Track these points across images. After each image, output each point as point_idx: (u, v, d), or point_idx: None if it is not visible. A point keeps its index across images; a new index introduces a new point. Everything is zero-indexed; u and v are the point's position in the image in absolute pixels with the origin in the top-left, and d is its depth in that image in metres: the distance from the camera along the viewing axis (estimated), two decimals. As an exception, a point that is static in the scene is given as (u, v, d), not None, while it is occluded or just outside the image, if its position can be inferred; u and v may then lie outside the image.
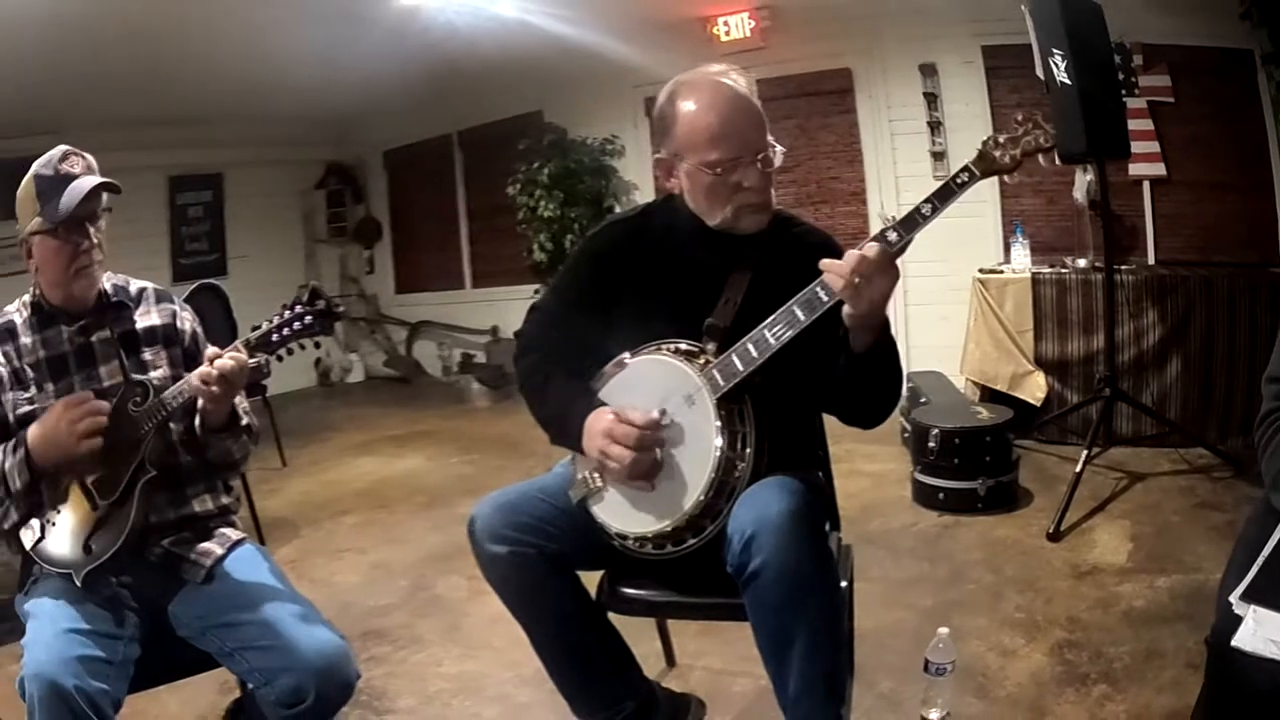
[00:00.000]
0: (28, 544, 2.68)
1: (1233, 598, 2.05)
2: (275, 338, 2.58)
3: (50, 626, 2.45)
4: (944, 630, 3.27)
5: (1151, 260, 7.17)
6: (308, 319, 2.57)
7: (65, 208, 2.62)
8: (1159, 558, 4.53)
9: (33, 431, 2.58)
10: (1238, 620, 2.00)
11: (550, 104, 10.48)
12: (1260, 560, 2.10)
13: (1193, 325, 6.22)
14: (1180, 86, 7.04)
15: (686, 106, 2.65)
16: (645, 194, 9.84)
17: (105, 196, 2.76)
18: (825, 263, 2.31)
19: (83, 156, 2.75)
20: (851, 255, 2.27)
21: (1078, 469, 5.18)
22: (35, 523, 2.67)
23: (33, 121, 8.34)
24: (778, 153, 2.65)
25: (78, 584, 2.58)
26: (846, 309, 2.33)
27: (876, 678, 3.60)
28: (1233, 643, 1.98)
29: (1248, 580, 2.07)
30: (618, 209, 9.64)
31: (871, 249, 2.27)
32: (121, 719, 2.46)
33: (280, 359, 2.66)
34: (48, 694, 2.27)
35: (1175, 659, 3.54)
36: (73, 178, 2.67)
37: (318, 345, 2.70)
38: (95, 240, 2.73)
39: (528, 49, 8.90)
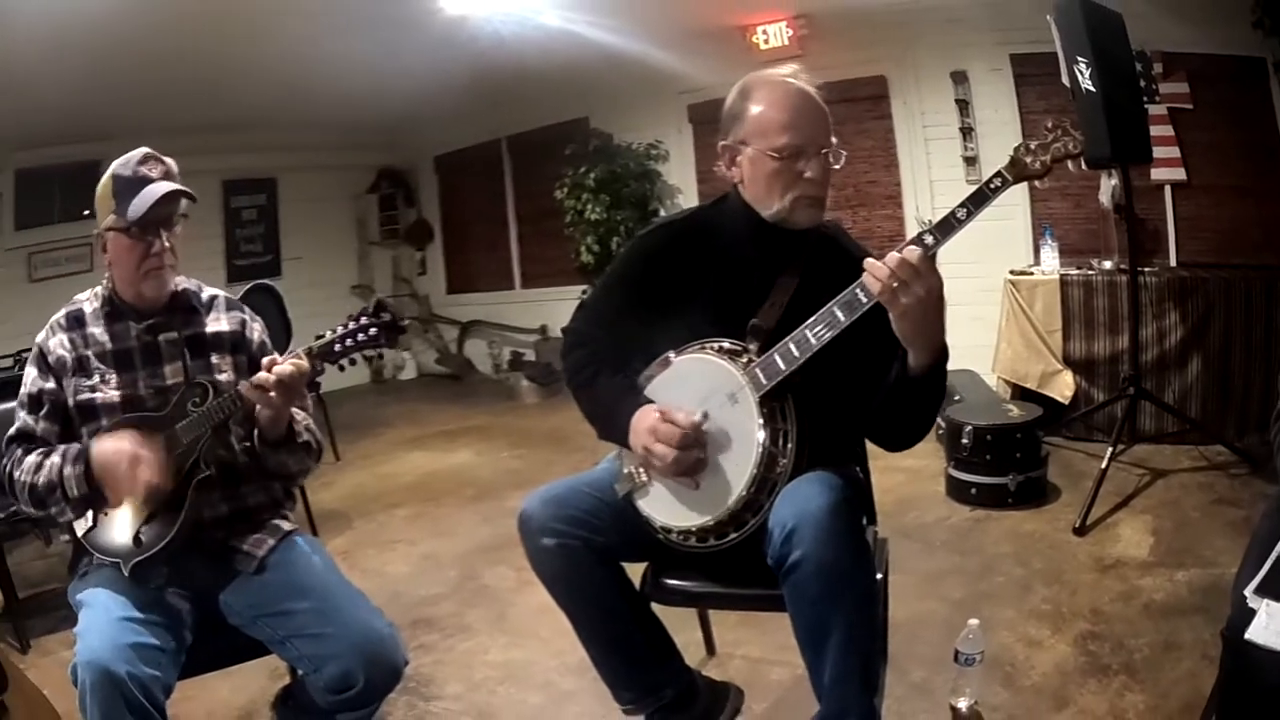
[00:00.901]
0: (79, 531, 2.70)
1: (1247, 592, 2.07)
2: (338, 347, 2.59)
3: (104, 615, 2.46)
4: (974, 621, 3.28)
5: (1173, 262, 7.13)
6: (372, 331, 2.59)
7: (137, 210, 2.64)
8: (1178, 552, 4.52)
9: (97, 450, 2.59)
10: (1252, 614, 2.03)
11: (596, 110, 10.53)
12: (1273, 556, 2.11)
13: (1212, 325, 6.20)
14: (1198, 93, 6.99)
15: (759, 97, 2.68)
16: (689, 197, 9.90)
17: (183, 203, 2.77)
18: (868, 263, 2.30)
19: (162, 161, 2.77)
20: (892, 257, 2.26)
21: (1103, 465, 5.17)
22: (89, 512, 2.69)
23: (90, 128, 8.48)
24: (841, 155, 2.67)
25: (125, 574, 2.60)
26: (893, 320, 2.32)
27: (909, 666, 3.60)
28: (1246, 636, 2.00)
29: (1261, 575, 2.09)
30: (662, 212, 9.69)
31: (911, 252, 2.25)
32: (172, 704, 2.48)
33: (342, 369, 2.66)
34: (100, 680, 2.28)
35: (1192, 651, 3.53)
36: (149, 181, 2.69)
37: (380, 357, 2.70)
38: (167, 244, 2.74)
39: (573, 57, 8.93)
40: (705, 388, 2.59)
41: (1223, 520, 4.86)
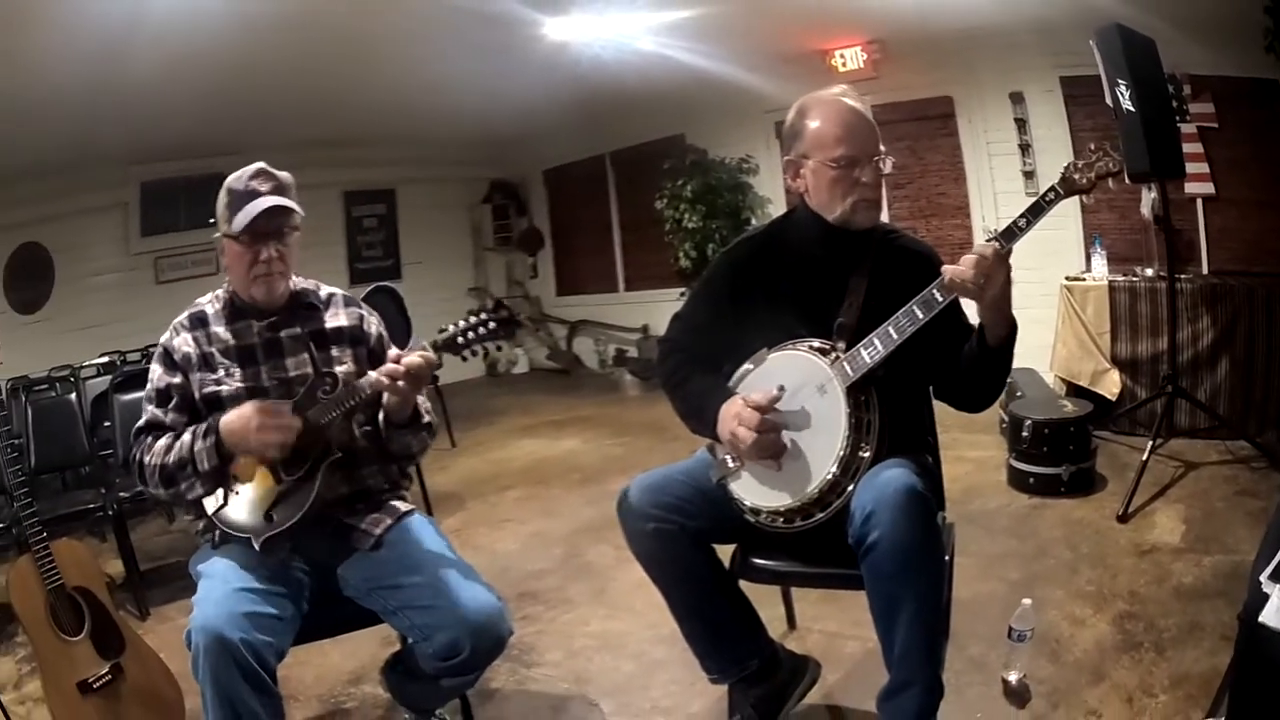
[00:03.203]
0: (210, 509, 2.70)
1: (1262, 578, 2.11)
2: (460, 340, 2.60)
3: (221, 585, 2.49)
4: (1027, 601, 3.26)
5: (1205, 270, 7.07)
6: (491, 325, 2.61)
7: (240, 221, 2.66)
8: (1205, 539, 4.49)
9: (225, 421, 2.61)
10: (1265, 599, 2.06)
11: (691, 127, 10.60)
12: None
13: (1239, 329, 6.15)
14: (1223, 113, 6.93)
15: (815, 115, 2.77)
16: (778, 207, 9.86)
17: (295, 215, 2.77)
18: (948, 269, 2.40)
19: (273, 176, 2.77)
20: (969, 258, 2.35)
21: (1144, 458, 5.16)
22: (219, 490, 2.70)
23: (212, 143, 8.70)
24: (888, 161, 2.76)
25: (256, 548, 2.62)
26: (980, 309, 2.44)
27: (967, 643, 3.58)
28: (1260, 619, 2.04)
29: (1275, 563, 2.11)
30: (754, 221, 9.75)
31: (987, 249, 2.35)
32: (285, 668, 2.52)
33: (464, 359, 2.67)
34: (213, 644, 2.31)
35: (1213, 631, 3.52)
36: (257, 195, 2.70)
37: (499, 349, 2.72)
38: (275, 252, 2.73)
39: (668, 79, 9.02)
40: (796, 380, 2.63)
41: (1244, 510, 4.83)
